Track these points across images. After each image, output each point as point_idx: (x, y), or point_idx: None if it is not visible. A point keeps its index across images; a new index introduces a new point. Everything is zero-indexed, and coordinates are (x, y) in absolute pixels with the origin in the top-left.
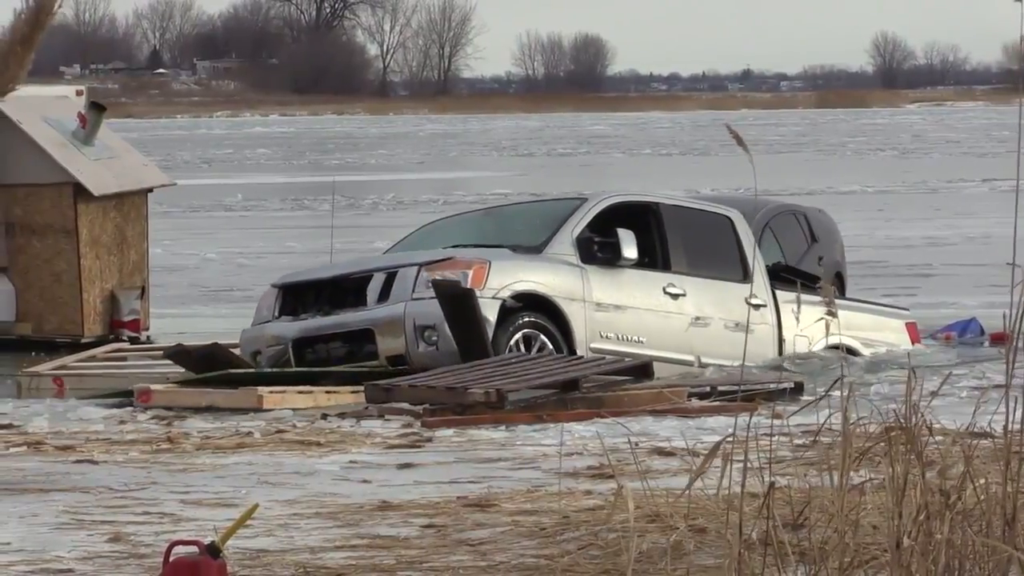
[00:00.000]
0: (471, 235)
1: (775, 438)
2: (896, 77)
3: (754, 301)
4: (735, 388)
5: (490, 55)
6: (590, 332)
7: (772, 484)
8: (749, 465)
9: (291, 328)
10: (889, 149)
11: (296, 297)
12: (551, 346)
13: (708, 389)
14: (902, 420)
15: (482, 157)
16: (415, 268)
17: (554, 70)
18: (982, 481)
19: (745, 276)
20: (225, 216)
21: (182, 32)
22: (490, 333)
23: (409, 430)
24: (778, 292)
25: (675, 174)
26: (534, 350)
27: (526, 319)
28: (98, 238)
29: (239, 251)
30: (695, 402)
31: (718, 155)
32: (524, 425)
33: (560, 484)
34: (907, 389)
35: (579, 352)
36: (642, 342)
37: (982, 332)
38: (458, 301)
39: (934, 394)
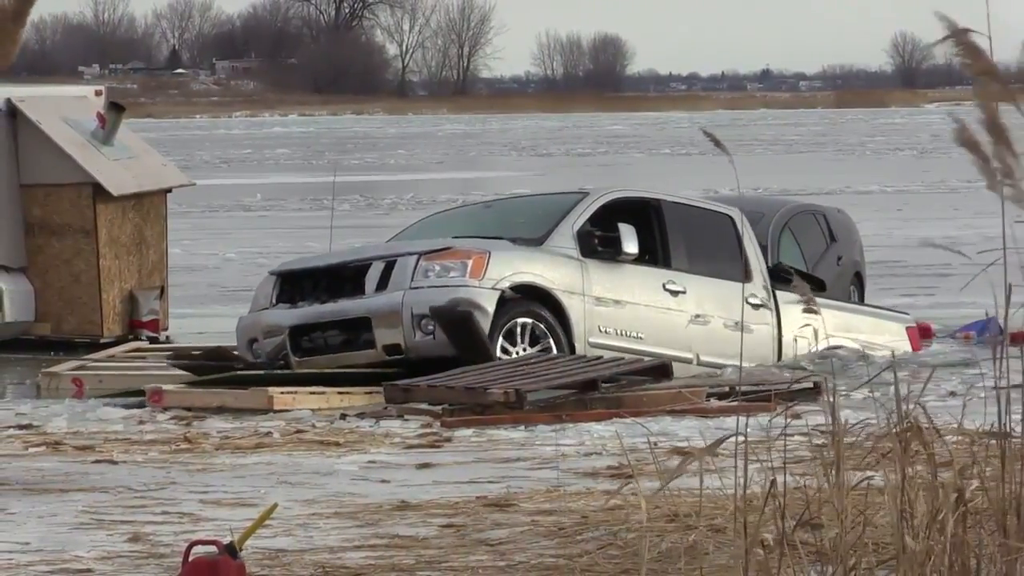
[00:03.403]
0: (471, 227)
1: (794, 437)
2: (915, 77)
3: (754, 300)
4: (753, 388)
5: (509, 55)
6: (589, 326)
7: (773, 482)
8: (766, 464)
9: (288, 316)
10: (908, 149)
11: (294, 285)
12: (550, 339)
13: (727, 389)
14: (901, 421)
15: (501, 157)
16: (414, 257)
17: (573, 70)
18: (994, 483)
19: (746, 275)
20: (244, 216)
21: (201, 32)
22: (488, 324)
23: (428, 430)
24: (780, 292)
25: (694, 174)
26: (530, 341)
27: (524, 310)
28: (117, 238)
29: (258, 251)
30: (714, 402)
31: (736, 155)
32: (543, 425)
33: (572, 484)
34: (895, 390)
35: (577, 346)
36: (641, 338)
37: (1000, 331)
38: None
39: (923, 391)
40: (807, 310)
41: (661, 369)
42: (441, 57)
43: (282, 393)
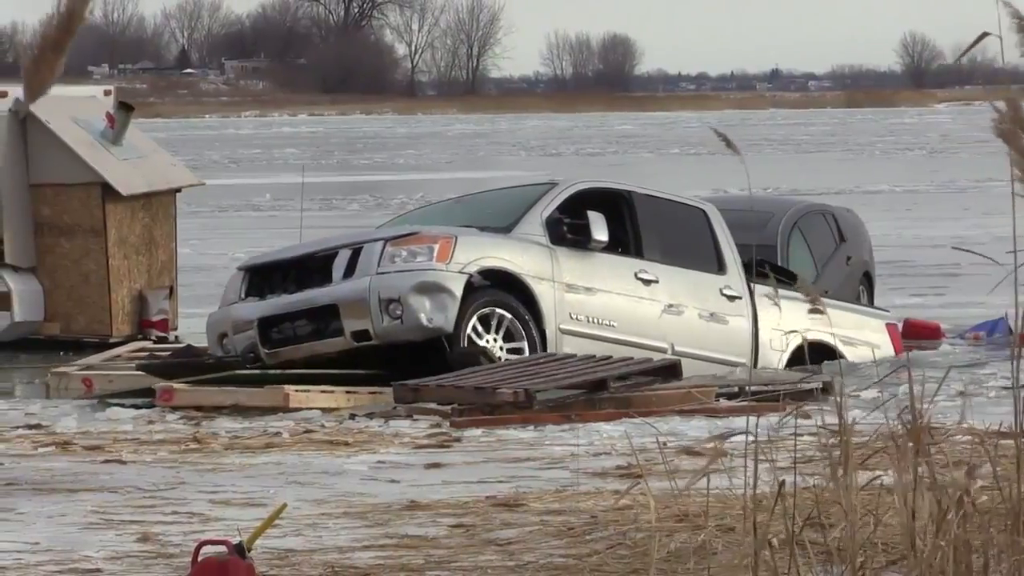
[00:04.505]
0: (441, 220)
1: (803, 437)
2: (924, 76)
3: (729, 292)
4: (763, 388)
5: (518, 55)
6: (560, 313)
7: (783, 483)
8: (775, 464)
9: (256, 308)
10: (917, 148)
11: (263, 279)
12: (518, 325)
13: (736, 389)
14: (906, 423)
15: (510, 157)
16: (380, 243)
17: (582, 70)
18: (1004, 484)
19: (720, 268)
20: (253, 216)
21: (210, 32)
22: (455, 309)
23: (437, 430)
24: (759, 286)
25: (703, 173)
26: (499, 329)
27: (493, 297)
28: (126, 238)
29: (268, 251)
30: (723, 402)
31: (747, 155)
32: (552, 425)
33: (581, 483)
34: (910, 387)
35: (548, 333)
36: (613, 326)
37: (1010, 332)
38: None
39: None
40: (812, 310)
41: (670, 369)
42: (450, 57)
43: (297, 391)
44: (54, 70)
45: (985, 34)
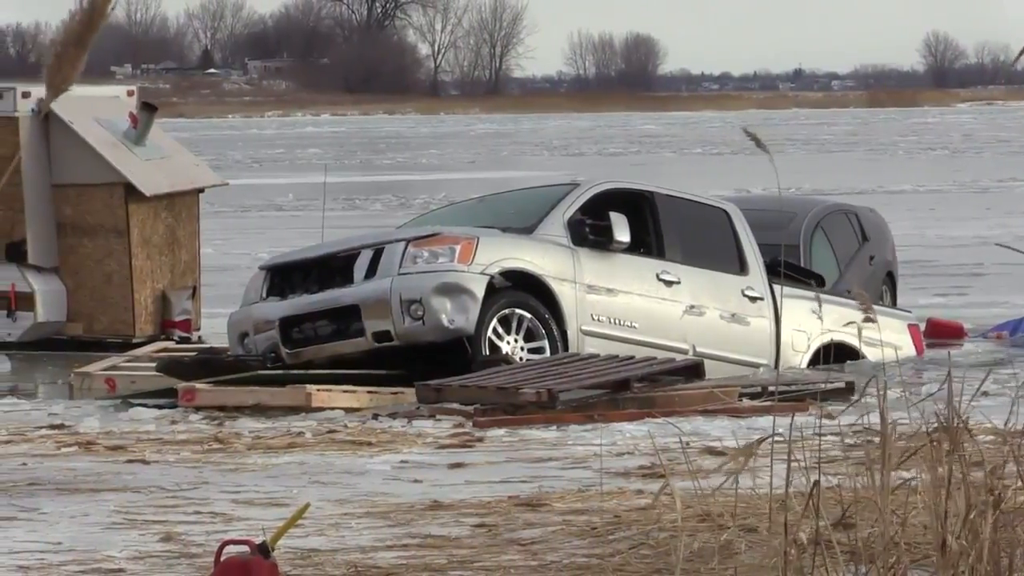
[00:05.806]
0: (463, 221)
1: (826, 438)
2: (947, 76)
3: (751, 293)
4: (787, 388)
5: (541, 55)
6: (581, 314)
7: (817, 482)
8: (800, 464)
9: (277, 308)
10: (940, 148)
11: (284, 278)
12: (539, 326)
13: (759, 389)
14: (943, 421)
15: (533, 157)
16: (402, 244)
17: (605, 69)
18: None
19: (742, 269)
20: (276, 216)
21: (233, 32)
22: (476, 311)
23: (460, 430)
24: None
25: (726, 173)
26: (520, 330)
27: (514, 299)
28: (149, 238)
29: (289, 251)
30: (746, 402)
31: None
32: (575, 425)
33: (604, 483)
34: (948, 388)
35: (569, 334)
36: (634, 327)
37: None
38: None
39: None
40: (866, 319)
41: (693, 369)
42: (473, 57)
43: (319, 390)
44: (76, 67)
45: None
